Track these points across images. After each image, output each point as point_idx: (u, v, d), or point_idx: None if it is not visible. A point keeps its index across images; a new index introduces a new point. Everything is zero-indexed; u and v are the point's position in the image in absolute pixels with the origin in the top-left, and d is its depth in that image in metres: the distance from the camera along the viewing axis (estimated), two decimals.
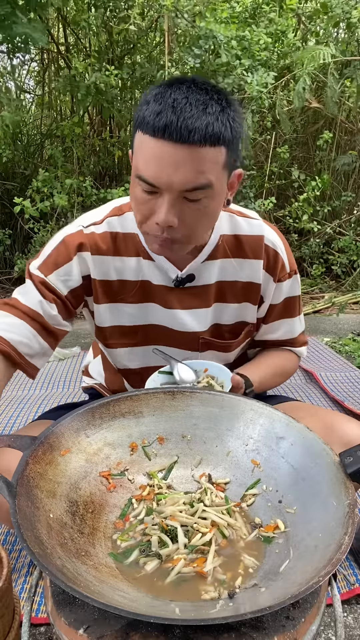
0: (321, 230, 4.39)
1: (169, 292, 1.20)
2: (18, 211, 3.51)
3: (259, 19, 3.87)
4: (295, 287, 1.30)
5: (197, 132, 0.90)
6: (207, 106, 0.92)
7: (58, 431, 0.90)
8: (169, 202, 0.96)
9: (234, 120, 0.96)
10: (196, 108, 0.91)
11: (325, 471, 0.83)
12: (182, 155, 0.91)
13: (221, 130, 0.93)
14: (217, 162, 0.95)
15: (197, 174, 0.93)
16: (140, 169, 0.96)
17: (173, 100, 0.91)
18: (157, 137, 0.91)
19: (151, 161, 0.93)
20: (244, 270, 1.22)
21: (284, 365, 1.34)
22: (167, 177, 0.93)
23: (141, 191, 0.98)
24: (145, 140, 0.94)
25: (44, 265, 1.15)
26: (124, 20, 3.83)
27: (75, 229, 1.18)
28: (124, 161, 4.87)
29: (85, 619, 0.65)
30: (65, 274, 1.15)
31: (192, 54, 3.46)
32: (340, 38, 4.42)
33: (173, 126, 0.89)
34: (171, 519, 0.83)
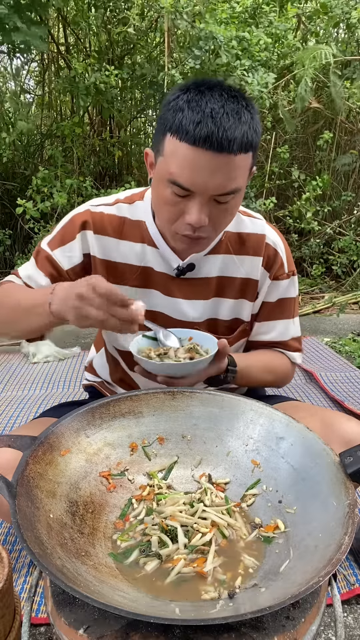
0: (321, 231, 4.39)
1: (170, 281, 1.23)
2: (20, 212, 3.51)
3: (259, 19, 3.87)
4: (291, 288, 1.31)
5: (235, 142, 0.96)
6: (240, 115, 0.98)
7: (58, 431, 0.90)
8: (201, 204, 1.02)
9: (258, 124, 1.03)
10: (232, 118, 0.96)
11: (325, 471, 0.83)
12: (219, 163, 0.97)
13: (253, 137, 1.00)
14: (246, 167, 1.02)
15: (230, 180, 1.00)
16: (174, 175, 0.99)
17: (211, 110, 0.96)
18: (196, 146, 0.95)
19: (188, 167, 0.98)
20: (243, 266, 1.25)
21: (273, 363, 1.33)
22: (203, 182, 0.98)
23: (171, 193, 1.02)
24: (182, 148, 0.97)
25: (53, 241, 1.22)
26: (124, 21, 3.83)
27: (83, 208, 1.23)
28: (124, 161, 4.87)
29: (85, 619, 0.65)
30: (69, 250, 1.20)
31: (192, 54, 3.46)
32: (340, 38, 4.42)
33: (214, 137, 0.94)
34: (171, 519, 0.83)
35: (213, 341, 1.12)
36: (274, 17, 3.81)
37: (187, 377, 1.08)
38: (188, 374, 1.08)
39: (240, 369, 1.19)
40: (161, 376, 1.06)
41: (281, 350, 1.34)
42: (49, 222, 3.85)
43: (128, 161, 4.95)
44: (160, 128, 1.02)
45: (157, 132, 1.05)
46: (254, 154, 1.04)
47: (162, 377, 1.06)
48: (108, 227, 1.21)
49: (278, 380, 1.36)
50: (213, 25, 3.36)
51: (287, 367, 1.35)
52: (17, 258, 4.00)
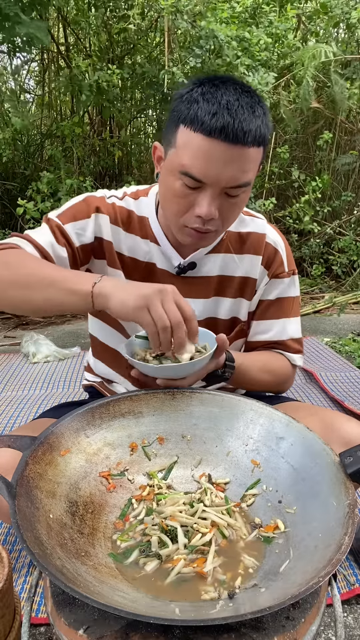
0: (321, 231, 4.39)
1: (171, 278, 1.23)
2: (21, 213, 3.51)
3: (259, 19, 3.87)
4: (291, 288, 1.30)
5: (250, 134, 0.97)
6: (254, 109, 0.99)
7: (58, 431, 0.90)
8: (212, 196, 1.01)
9: (269, 121, 1.04)
10: (247, 111, 0.97)
11: (325, 471, 0.83)
12: (232, 155, 0.97)
13: (265, 132, 1.01)
14: (257, 161, 1.03)
15: (243, 173, 1.00)
16: (187, 166, 0.99)
17: (226, 102, 0.96)
18: (212, 136, 0.96)
19: (201, 158, 0.98)
20: (243, 265, 1.25)
21: (272, 363, 1.30)
22: (216, 174, 0.99)
23: (182, 185, 1.02)
24: (197, 138, 0.97)
25: (63, 215, 1.19)
26: (124, 21, 3.83)
27: (98, 194, 1.23)
28: (124, 161, 4.87)
29: (85, 619, 0.65)
30: (80, 228, 1.18)
31: (192, 53, 3.46)
32: (340, 38, 4.42)
33: (230, 128, 0.95)
34: (171, 519, 0.83)
35: (210, 336, 1.09)
36: (274, 17, 3.81)
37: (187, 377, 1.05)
38: (188, 374, 1.05)
39: (238, 365, 1.17)
40: (161, 379, 1.03)
41: (280, 351, 1.32)
42: None
43: (128, 161, 4.95)
44: (173, 120, 1.02)
45: (168, 125, 1.05)
46: (264, 150, 1.04)
47: (161, 380, 1.03)
48: (119, 219, 1.21)
49: (278, 383, 1.32)
50: (214, 23, 3.36)
51: (287, 369, 1.32)
52: None
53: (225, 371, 1.14)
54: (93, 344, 1.41)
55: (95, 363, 1.42)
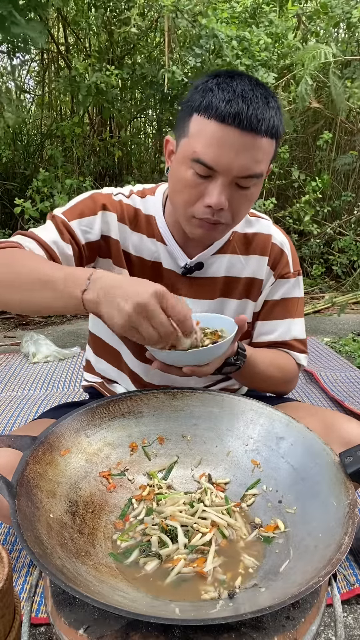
0: (321, 231, 4.39)
1: (177, 278, 1.22)
2: (19, 212, 3.51)
3: (259, 19, 3.87)
4: (296, 288, 1.30)
5: (264, 122, 0.97)
6: (268, 101, 1.00)
7: (58, 431, 0.90)
8: (222, 185, 1.01)
9: (282, 117, 1.04)
10: (261, 101, 0.98)
11: (325, 471, 0.83)
12: (245, 143, 0.97)
13: (278, 125, 1.01)
14: (269, 154, 1.03)
15: (255, 163, 1.00)
16: (199, 153, 0.99)
17: (242, 90, 0.97)
18: (225, 123, 0.96)
19: (214, 145, 0.98)
20: (249, 266, 1.25)
21: (279, 360, 1.29)
22: (228, 161, 0.98)
23: (193, 174, 1.02)
24: (210, 125, 0.97)
25: (69, 211, 1.18)
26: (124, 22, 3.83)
27: (105, 192, 1.22)
28: (124, 161, 4.87)
29: (85, 619, 0.65)
30: (87, 225, 1.17)
31: (192, 53, 3.46)
32: (340, 38, 4.42)
33: (244, 114, 0.95)
34: (171, 519, 0.83)
35: (227, 320, 1.05)
36: (274, 17, 3.81)
37: (211, 362, 1.00)
38: (214, 359, 1.00)
39: (249, 356, 1.15)
40: (187, 367, 0.98)
41: (286, 350, 1.32)
42: None
43: (128, 161, 4.95)
44: (186, 110, 1.03)
45: (180, 117, 1.05)
46: (277, 144, 1.04)
47: (187, 368, 0.98)
48: (125, 217, 1.20)
49: (285, 381, 1.30)
50: (214, 22, 3.36)
51: (293, 368, 1.31)
52: None
53: (237, 359, 1.12)
54: (94, 342, 1.40)
55: (96, 361, 1.41)
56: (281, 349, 1.32)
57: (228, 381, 1.35)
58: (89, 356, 1.44)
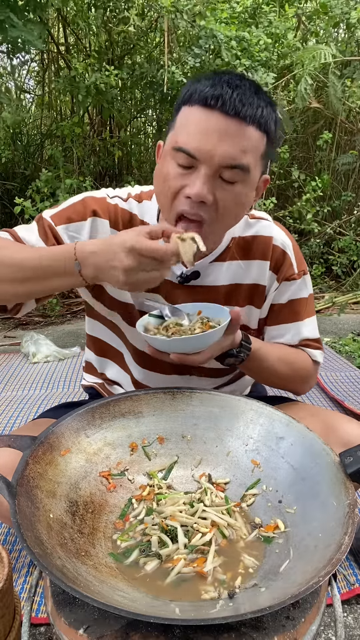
0: (321, 231, 4.39)
1: (173, 288, 1.17)
2: (19, 212, 3.51)
3: (258, 19, 3.87)
4: (303, 289, 1.24)
5: (250, 107, 0.93)
6: (258, 92, 0.96)
7: (58, 431, 0.90)
8: (205, 177, 0.95)
9: (277, 122, 1.00)
10: (249, 90, 0.95)
11: (325, 471, 0.83)
12: (229, 128, 0.93)
13: (268, 117, 0.96)
14: (258, 147, 0.97)
15: (240, 151, 0.95)
16: (181, 141, 0.96)
17: (228, 78, 0.95)
18: (208, 106, 0.93)
19: (196, 131, 0.94)
20: (250, 272, 1.19)
21: (292, 355, 1.24)
22: (211, 147, 0.93)
23: (175, 166, 0.98)
24: (194, 112, 0.95)
25: (57, 215, 1.14)
26: (124, 22, 3.83)
27: (99, 195, 1.18)
28: (123, 161, 4.88)
29: (85, 619, 0.65)
30: (74, 231, 1.13)
31: (192, 53, 3.46)
32: (340, 38, 4.42)
33: (227, 96, 0.91)
34: (171, 519, 0.83)
35: (224, 311, 1.04)
36: (273, 17, 3.81)
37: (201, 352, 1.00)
38: (201, 349, 1.00)
39: (255, 350, 1.12)
40: (174, 354, 0.98)
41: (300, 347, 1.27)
42: None
43: (128, 161, 4.95)
44: (176, 108, 1.01)
45: (172, 118, 1.03)
46: (269, 141, 0.99)
47: (175, 355, 0.98)
48: (120, 222, 1.15)
49: (297, 378, 1.26)
50: (213, 23, 3.36)
51: (308, 365, 1.26)
52: None
53: (240, 351, 1.09)
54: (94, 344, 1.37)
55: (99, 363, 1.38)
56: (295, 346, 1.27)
57: (232, 385, 1.33)
58: (90, 358, 1.41)
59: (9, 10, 2.60)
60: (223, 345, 1.04)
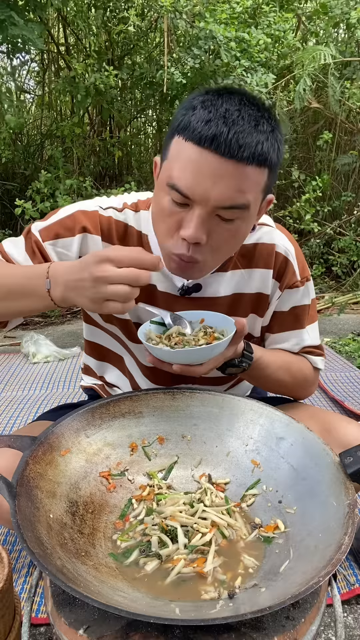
0: (321, 231, 4.39)
1: (174, 301, 1.14)
2: (19, 213, 3.51)
3: (258, 19, 3.87)
4: (305, 296, 1.21)
5: (247, 148, 0.85)
6: (258, 123, 0.88)
7: (58, 431, 0.90)
8: (201, 217, 0.90)
9: (280, 143, 0.93)
10: (248, 123, 0.86)
11: (325, 471, 0.83)
12: (225, 170, 0.86)
13: (269, 151, 0.89)
14: (258, 183, 0.91)
15: (237, 193, 0.89)
16: (174, 178, 0.89)
17: (225, 110, 0.86)
18: (202, 146, 0.86)
19: (189, 170, 0.87)
20: (253, 281, 1.16)
21: (293, 363, 1.22)
22: (204, 190, 0.87)
23: (170, 202, 0.92)
24: (187, 148, 0.88)
25: (46, 230, 1.09)
26: (124, 22, 3.83)
27: (92, 207, 1.12)
28: (124, 161, 4.88)
29: (85, 619, 0.65)
30: (62, 247, 1.08)
31: (191, 54, 3.46)
32: (340, 38, 4.42)
33: (222, 137, 0.84)
34: (171, 519, 0.83)
35: (229, 321, 1.01)
36: (273, 17, 3.81)
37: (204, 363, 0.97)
38: (205, 360, 0.97)
39: (257, 358, 1.09)
40: (177, 365, 0.95)
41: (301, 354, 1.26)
42: None
43: (128, 161, 4.96)
44: (170, 131, 0.94)
45: (166, 137, 0.96)
46: (270, 173, 0.92)
47: (177, 365, 0.95)
48: (114, 235, 1.10)
49: (297, 385, 1.24)
50: (213, 24, 3.36)
51: (309, 372, 1.24)
52: None
53: (242, 361, 1.07)
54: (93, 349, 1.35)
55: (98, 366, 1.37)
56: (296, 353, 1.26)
57: (232, 390, 1.32)
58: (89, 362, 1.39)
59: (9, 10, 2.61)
60: (226, 355, 1.01)
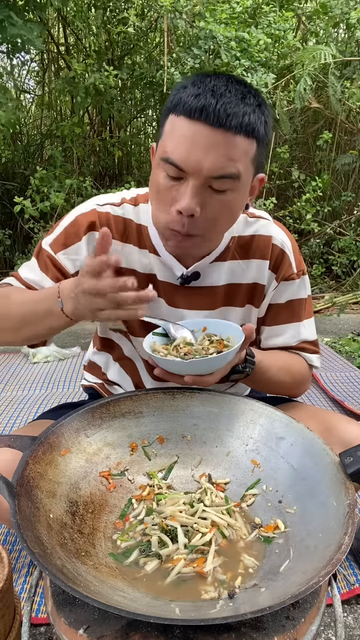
0: (321, 231, 4.39)
1: (174, 290, 1.17)
2: (18, 211, 3.51)
3: (258, 19, 3.87)
4: (302, 289, 1.24)
5: (235, 117, 0.90)
6: (245, 97, 0.93)
7: (58, 431, 0.90)
8: (194, 189, 0.94)
9: (267, 119, 0.97)
10: (235, 96, 0.92)
11: (325, 471, 0.83)
12: (215, 139, 0.91)
13: (256, 122, 0.94)
14: (247, 153, 0.95)
15: (228, 161, 0.93)
16: (168, 151, 0.94)
17: (213, 85, 0.92)
18: (193, 118, 0.91)
19: (182, 143, 0.92)
20: (250, 271, 1.19)
21: (291, 363, 1.24)
22: (197, 160, 0.92)
23: (165, 177, 0.96)
24: (179, 122, 0.93)
25: (55, 242, 1.15)
26: (123, 22, 3.83)
27: (88, 207, 1.16)
28: (124, 161, 4.88)
29: (85, 619, 0.65)
30: (74, 253, 1.13)
31: (191, 54, 3.47)
32: (340, 38, 4.42)
33: (211, 108, 0.89)
34: (171, 519, 0.83)
35: (234, 328, 1.02)
36: (273, 17, 3.80)
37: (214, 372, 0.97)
38: (217, 369, 0.97)
39: (258, 362, 1.10)
40: (189, 376, 0.95)
41: (296, 352, 1.27)
42: (49, 222, 3.85)
43: (128, 161, 4.96)
44: (164, 113, 0.99)
45: (161, 119, 1.00)
46: (259, 146, 0.97)
47: (190, 377, 0.95)
48: (114, 230, 1.13)
49: (296, 385, 1.26)
50: (213, 24, 3.36)
51: (305, 370, 1.26)
52: (17, 258, 4.00)
53: (246, 366, 1.07)
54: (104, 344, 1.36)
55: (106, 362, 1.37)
56: (292, 351, 1.27)
57: (231, 389, 1.32)
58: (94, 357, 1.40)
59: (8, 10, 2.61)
60: (232, 362, 1.02)
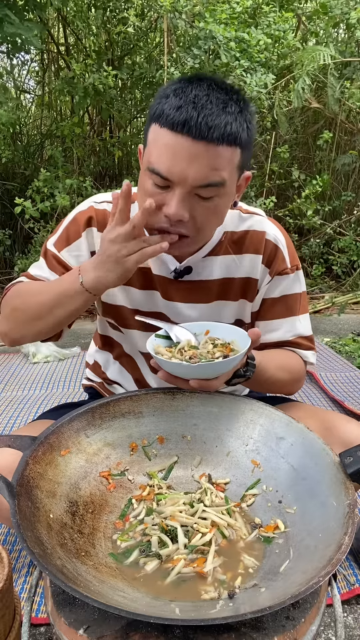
0: (321, 231, 4.39)
1: (168, 284, 1.19)
2: (19, 212, 3.51)
3: (258, 19, 3.87)
4: (296, 284, 1.25)
5: (217, 129, 0.92)
6: (227, 105, 0.95)
7: (58, 431, 0.90)
8: (181, 196, 0.97)
9: (250, 122, 0.99)
10: (217, 106, 0.93)
11: (325, 471, 0.83)
12: (198, 151, 0.93)
13: (239, 130, 0.95)
14: (231, 161, 0.97)
15: (212, 171, 0.95)
16: (153, 162, 0.96)
17: (194, 96, 0.93)
18: (175, 131, 0.93)
19: (165, 154, 0.95)
20: (243, 266, 1.20)
21: (288, 361, 1.25)
22: (181, 171, 0.94)
23: (152, 185, 0.99)
24: (162, 134, 0.95)
25: (58, 241, 1.20)
26: (123, 22, 3.83)
27: (86, 206, 1.21)
28: (123, 161, 4.88)
29: (85, 619, 0.65)
30: (76, 250, 1.19)
31: (191, 54, 3.46)
32: (339, 38, 4.42)
33: (193, 121, 0.91)
34: (171, 519, 0.83)
35: (240, 332, 1.01)
36: (273, 17, 3.80)
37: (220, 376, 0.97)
38: (222, 373, 0.96)
39: (257, 363, 1.09)
40: (195, 380, 0.94)
41: (292, 349, 1.28)
42: (49, 222, 3.85)
43: (128, 161, 4.95)
44: (148, 119, 1.00)
45: (145, 125, 1.02)
46: (243, 151, 0.99)
47: (195, 381, 0.94)
48: None
49: (291, 382, 1.26)
50: (212, 24, 3.35)
51: (301, 367, 1.27)
52: (17, 258, 4.00)
53: (247, 370, 1.07)
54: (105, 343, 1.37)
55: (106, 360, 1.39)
56: (287, 347, 1.28)
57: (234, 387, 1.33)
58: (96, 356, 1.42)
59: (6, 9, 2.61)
60: (236, 367, 1.01)
